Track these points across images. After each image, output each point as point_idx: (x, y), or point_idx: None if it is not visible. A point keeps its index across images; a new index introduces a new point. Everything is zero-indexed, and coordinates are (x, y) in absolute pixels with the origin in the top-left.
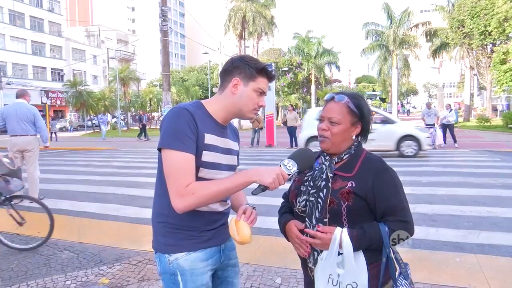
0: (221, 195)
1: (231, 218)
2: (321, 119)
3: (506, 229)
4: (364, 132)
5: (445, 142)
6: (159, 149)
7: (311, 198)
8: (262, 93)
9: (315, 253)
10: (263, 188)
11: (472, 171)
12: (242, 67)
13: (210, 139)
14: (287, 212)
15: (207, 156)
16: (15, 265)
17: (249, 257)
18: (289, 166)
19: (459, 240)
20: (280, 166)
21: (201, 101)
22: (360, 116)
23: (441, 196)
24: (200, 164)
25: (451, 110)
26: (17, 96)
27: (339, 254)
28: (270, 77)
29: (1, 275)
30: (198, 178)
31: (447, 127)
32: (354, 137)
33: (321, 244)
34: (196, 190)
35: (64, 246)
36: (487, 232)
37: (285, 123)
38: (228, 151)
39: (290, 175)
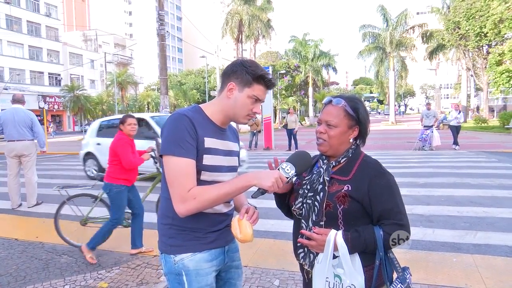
0: (221, 199)
1: (234, 217)
2: (318, 122)
3: (502, 229)
4: (362, 135)
5: (457, 144)
6: (161, 155)
7: (308, 201)
8: (257, 100)
9: (311, 255)
10: (262, 192)
11: (468, 172)
12: (240, 72)
13: (210, 142)
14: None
15: (208, 160)
16: (13, 270)
17: (248, 259)
18: (287, 169)
19: (456, 241)
20: (279, 169)
21: (200, 105)
22: (357, 119)
23: (438, 197)
24: (201, 167)
25: (460, 111)
26: (14, 101)
27: (335, 257)
28: (268, 85)
29: None
30: (201, 181)
31: (456, 128)
32: (352, 140)
33: (316, 246)
34: (198, 195)
35: (62, 251)
36: (483, 232)
37: (285, 125)
38: (228, 153)
39: (289, 178)
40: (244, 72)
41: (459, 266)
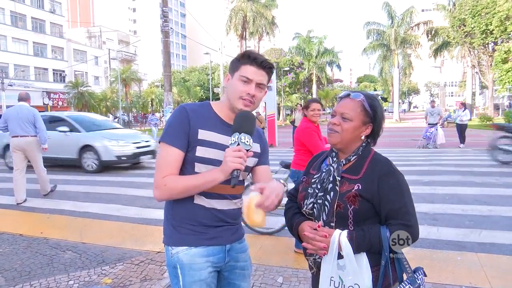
0: (190, 191)
1: (249, 196)
2: (333, 114)
3: (507, 228)
4: (374, 134)
5: (463, 142)
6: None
7: (318, 201)
8: (248, 80)
9: (315, 254)
10: (235, 175)
11: (473, 170)
12: (231, 62)
13: (204, 135)
14: (298, 213)
15: (201, 151)
16: (18, 265)
17: (251, 256)
18: (247, 141)
19: (460, 239)
20: (239, 144)
21: (211, 102)
22: (373, 116)
23: (442, 195)
24: (194, 159)
25: (464, 109)
26: (20, 99)
27: (341, 256)
28: (257, 63)
29: (4, 275)
30: (195, 173)
31: (460, 127)
32: (363, 138)
33: (323, 247)
34: (168, 183)
35: (66, 247)
36: (488, 231)
37: (293, 121)
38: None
39: (248, 143)
40: (234, 60)
41: (464, 264)
